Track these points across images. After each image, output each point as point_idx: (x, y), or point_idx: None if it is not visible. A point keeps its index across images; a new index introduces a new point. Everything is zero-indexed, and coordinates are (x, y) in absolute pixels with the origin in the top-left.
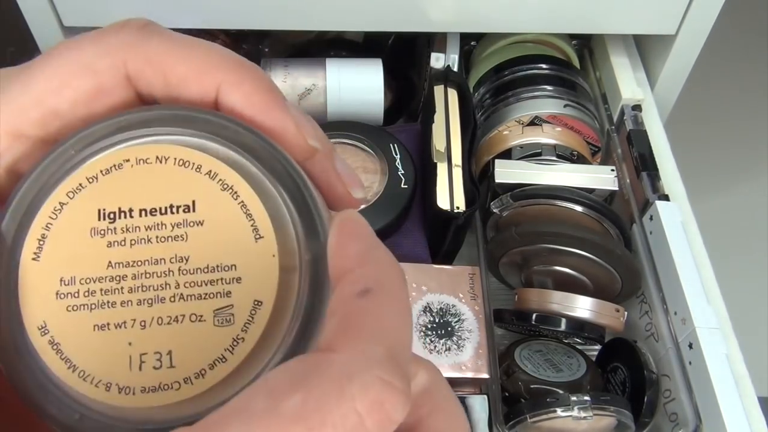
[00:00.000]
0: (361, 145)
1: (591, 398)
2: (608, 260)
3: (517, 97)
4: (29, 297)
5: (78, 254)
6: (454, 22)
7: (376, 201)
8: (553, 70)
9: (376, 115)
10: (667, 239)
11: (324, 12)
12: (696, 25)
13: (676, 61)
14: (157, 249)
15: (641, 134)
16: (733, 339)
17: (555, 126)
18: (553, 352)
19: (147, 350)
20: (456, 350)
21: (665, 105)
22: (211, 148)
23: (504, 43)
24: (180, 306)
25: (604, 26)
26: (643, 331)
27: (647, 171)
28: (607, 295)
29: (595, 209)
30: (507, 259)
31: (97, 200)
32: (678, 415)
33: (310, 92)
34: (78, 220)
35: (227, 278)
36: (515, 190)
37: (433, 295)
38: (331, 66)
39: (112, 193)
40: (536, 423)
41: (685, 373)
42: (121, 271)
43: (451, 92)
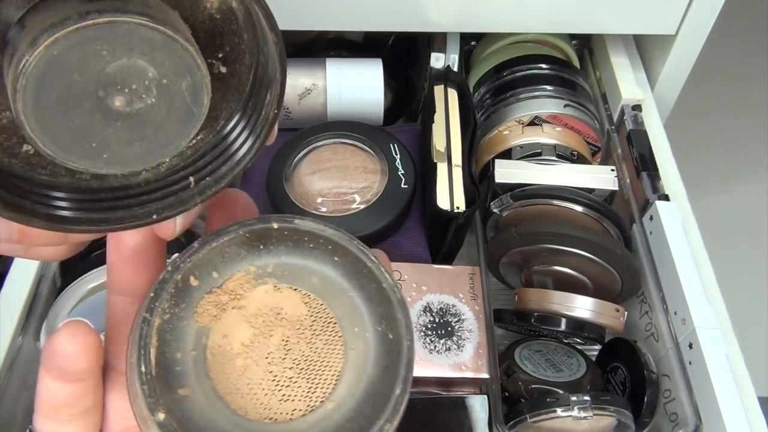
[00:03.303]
0: (361, 145)
1: (591, 398)
2: (608, 260)
3: (517, 97)
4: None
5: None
6: (454, 22)
7: (376, 201)
8: (553, 70)
9: (376, 115)
10: (667, 239)
11: (324, 12)
12: (696, 25)
13: (676, 61)
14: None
15: (641, 134)
16: (733, 339)
17: (555, 126)
18: (553, 352)
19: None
20: (456, 350)
21: (665, 105)
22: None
23: (504, 43)
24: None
25: (604, 26)
26: (643, 331)
27: (647, 171)
28: (607, 295)
29: (595, 209)
30: (507, 259)
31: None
32: (678, 415)
33: (310, 92)
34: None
35: None
36: (515, 190)
37: (433, 295)
38: (331, 66)
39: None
40: (536, 423)
41: (685, 373)
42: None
43: (451, 92)
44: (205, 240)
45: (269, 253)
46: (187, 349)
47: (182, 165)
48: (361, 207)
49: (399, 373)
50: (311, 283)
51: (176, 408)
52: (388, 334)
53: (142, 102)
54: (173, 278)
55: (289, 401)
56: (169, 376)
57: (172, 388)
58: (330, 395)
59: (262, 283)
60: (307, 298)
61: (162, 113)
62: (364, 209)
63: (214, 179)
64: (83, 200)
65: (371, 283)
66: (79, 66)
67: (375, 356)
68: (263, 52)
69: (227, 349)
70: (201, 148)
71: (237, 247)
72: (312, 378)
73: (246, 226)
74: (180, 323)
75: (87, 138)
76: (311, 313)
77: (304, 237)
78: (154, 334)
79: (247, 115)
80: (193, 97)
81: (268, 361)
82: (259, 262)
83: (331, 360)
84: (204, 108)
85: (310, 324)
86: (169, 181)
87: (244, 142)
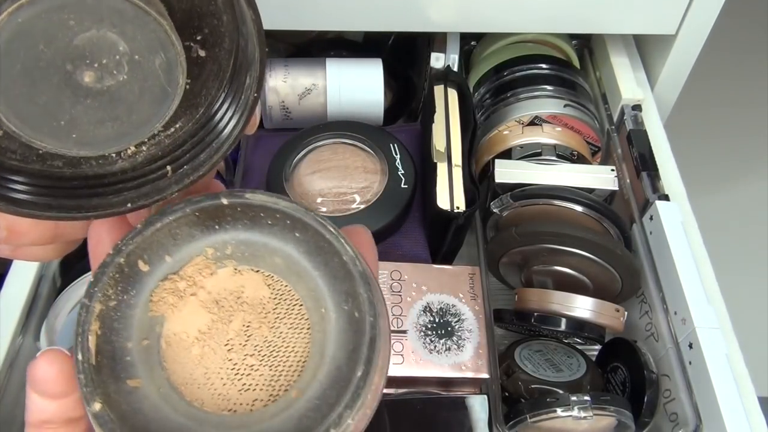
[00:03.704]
0: (361, 145)
1: (591, 398)
2: (608, 260)
3: (517, 97)
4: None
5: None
6: (454, 22)
7: (376, 201)
8: (553, 70)
9: (376, 115)
10: (667, 239)
11: (324, 12)
12: (696, 25)
13: (676, 61)
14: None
15: (641, 134)
16: (733, 339)
17: (555, 126)
18: (553, 352)
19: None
20: (456, 350)
21: (665, 105)
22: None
23: (504, 43)
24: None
25: (604, 26)
26: (643, 331)
27: (647, 171)
28: (607, 295)
29: (595, 209)
30: (507, 259)
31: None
32: (678, 415)
33: (310, 92)
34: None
35: None
36: (515, 190)
37: (433, 295)
38: (331, 66)
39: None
40: (536, 423)
41: (685, 373)
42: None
43: (451, 92)
44: (149, 221)
45: (226, 232)
46: (138, 338)
47: (160, 155)
48: (361, 207)
49: (361, 353)
50: (273, 263)
51: (123, 400)
52: (354, 312)
53: (113, 78)
54: (114, 261)
55: (249, 391)
56: (116, 366)
57: (120, 379)
58: (294, 383)
59: (222, 266)
60: (269, 279)
61: (135, 92)
62: (364, 209)
63: (192, 167)
64: (56, 187)
65: (334, 257)
66: (45, 36)
67: (342, 338)
68: (242, 34)
69: (183, 337)
70: (180, 137)
71: (189, 228)
72: (275, 365)
73: (193, 204)
74: (130, 311)
75: (55, 115)
76: (274, 295)
77: (260, 213)
78: (95, 321)
79: (228, 100)
80: (167, 75)
81: (227, 348)
82: (216, 243)
83: (296, 345)
84: (179, 88)
85: (273, 307)
86: (146, 171)
87: (224, 129)
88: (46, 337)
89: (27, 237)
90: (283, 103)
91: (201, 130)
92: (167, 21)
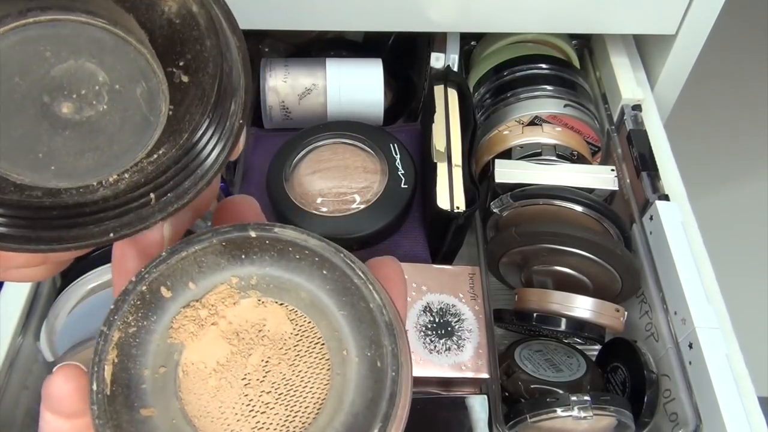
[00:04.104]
0: (361, 145)
1: (591, 398)
2: (608, 260)
3: (517, 97)
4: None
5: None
6: (454, 22)
7: (376, 201)
8: (553, 70)
9: (376, 115)
10: (667, 239)
11: (324, 12)
12: (696, 25)
13: (676, 61)
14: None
15: (641, 134)
16: (733, 339)
17: (555, 126)
18: (553, 352)
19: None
20: (456, 350)
21: (665, 105)
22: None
23: (504, 43)
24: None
25: (604, 26)
26: (643, 331)
27: (647, 171)
28: (607, 295)
29: (595, 209)
30: (507, 259)
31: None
32: (678, 415)
33: (310, 92)
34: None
35: None
36: (515, 190)
37: (433, 295)
38: (331, 66)
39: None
40: (536, 423)
41: (685, 373)
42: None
43: (451, 92)
44: (174, 249)
45: (252, 263)
46: (156, 366)
47: (143, 182)
48: (361, 207)
49: (380, 408)
50: (298, 298)
51: (135, 429)
52: (377, 361)
53: (93, 109)
54: (136, 289)
55: (263, 429)
56: (131, 395)
57: (134, 408)
58: (309, 425)
59: (245, 296)
60: (293, 314)
61: (115, 122)
62: (364, 209)
63: (176, 195)
64: (35, 218)
65: (361, 301)
66: (20, 68)
67: (362, 385)
68: (227, 60)
69: (201, 367)
70: (163, 163)
71: (215, 257)
72: (291, 405)
73: (220, 234)
74: (149, 337)
75: (32, 148)
76: (297, 331)
77: (288, 247)
78: (113, 350)
79: (212, 127)
80: (148, 104)
81: (244, 383)
82: (241, 273)
83: (315, 386)
84: (161, 116)
85: (294, 344)
86: (128, 198)
87: (208, 156)
88: (46, 337)
89: (14, 261)
90: (283, 103)
91: (185, 156)
92: (148, 49)
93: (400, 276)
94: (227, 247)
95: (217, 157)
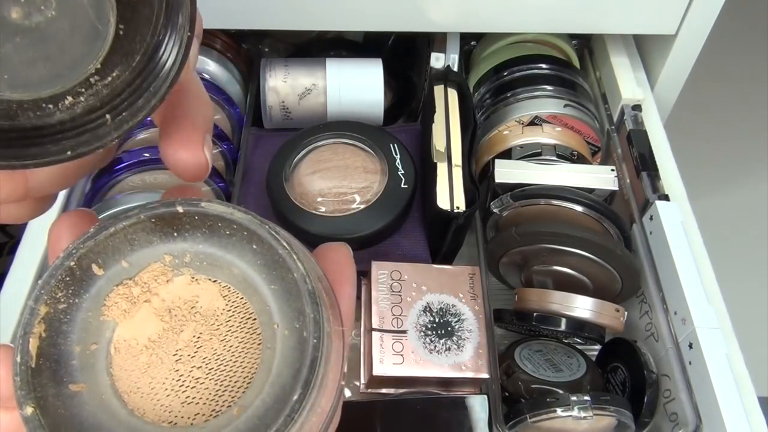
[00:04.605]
0: (361, 145)
1: (591, 398)
2: (608, 260)
3: (517, 97)
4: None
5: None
6: (454, 22)
7: (376, 201)
8: (553, 70)
9: (376, 115)
10: (667, 239)
11: (324, 12)
12: (696, 25)
13: (676, 61)
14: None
15: (641, 134)
16: (733, 339)
17: (555, 126)
18: (553, 352)
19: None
20: (456, 350)
21: (665, 105)
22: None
23: (504, 43)
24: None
25: (604, 26)
26: (643, 331)
27: (647, 171)
28: (607, 295)
29: (595, 209)
30: (507, 259)
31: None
32: (678, 415)
33: (310, 92)
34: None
35: None
36: (515, 190)
37: (433, 295)
38: (331, 66)
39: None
40: (536, 423)
41: (685, 373)
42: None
43: (451, 92)
44: (102, 225)
45: (185, 240)
46: (87, 342)
47: (99, 105)
48: (361, 207)
49: (301, 375)
50: (231, 274)
51: (61, 404)
52: (303, 332)
53: (42, 15)
54: (64, 265)
55: (192, 404)
56: (60, 369)
57: (62, 383)
58: (238, 399)
59: (179, 274)
60: (226, 291)
61: (65, 29)
62: (364, 209)
63: (131, 113)
64: None
65: (288, 273)
66: None
67: (289, 356)
68: None
69: (132, 344)
70: (118, 86)
71: (147, 234)
72: (221, 380)
73: (148, 210)
74: (81, 314)
75: None
76: (229, 307)
77: (217, 222)
78: (40, 324)
79: (163, 43)
80: (96, 12)
81: (175, 358)
82: (174, 250)
83: (245, 360)
84: (110, 26)
85: (226, 320)
86: (85, 120)
87: (160, 72)
88: None
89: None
90: (283, 103)
91: (138, 77)
92: None
93: (348, 259)
94: (158, 224)
95: (169, 71)
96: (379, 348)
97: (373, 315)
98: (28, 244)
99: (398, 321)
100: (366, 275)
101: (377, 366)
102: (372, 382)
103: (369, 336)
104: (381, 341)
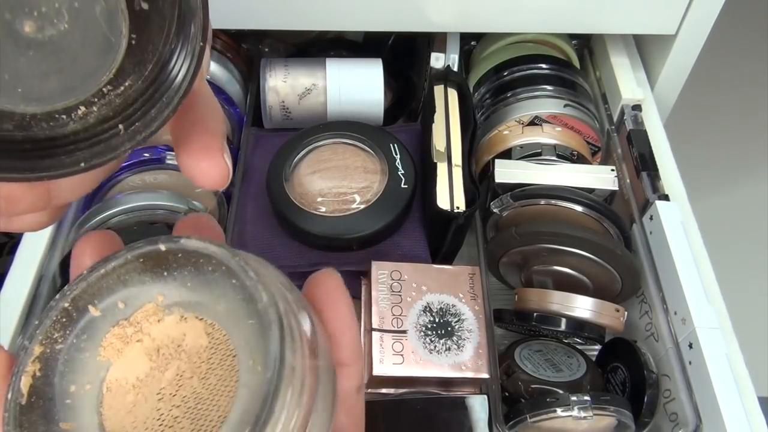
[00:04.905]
0: (361, 145)
1: (591, 398)
2: (608, 260)
3: (517, 97)
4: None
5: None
6: (454, 22)
7: (376, 201)
8: (553, 70)
9: (376, 115)
10: (667, 239)
11: (324, 12)
12: (696, 25)
13: (676, 61)
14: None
15: (641, 134)
16: (733, 339)
17: (555, 126)
18: (553, 352)
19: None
20: (456, 350)
21: (665, 105)
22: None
23: (504, 43)
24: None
25: (604, 26)
26: (643, 331)
27: (647, 171)
28: (607, 295)
29: (595, 209)
30: (507, 259)
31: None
32: (678, 415)
33: (310, 92)
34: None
35: None
36: (515, 190)
37: (433, 295)
38: (331, 66)
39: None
40: (536, 423)
41: (685, 373)
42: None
43: (451, 92)
44: (93, 267)
45: (174, 279)
46: (83, 382)
47: (111, 115)
48: (361, 207)
49: (252, 412)
50: (216, 311)
51: None
52: (268, 367)
53: (54, 28)
54: (59, 306)
55: None
56: (53, 408)
57: (53, 421)
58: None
59: (170, 313)
60: (210, 327)
61: (77, 41)
62: (364, 209)
63: (144, 124)
64: (7, 150)
65: (257, 304)
66: None
67: (261, 393)
68: None
69: (123, 383)
70: (131, 95)
71: (138, 275)
72: (197, 419)
73: (134, 250)
74: (80, 355)
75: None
76: (212, 344)
77: (199, 259)
78: (34, 363)
79: (175, 53)
80: (109, 24)
81: (158, 397)
82: (165, 290)
83: (221, 399)
84: (123, 38)
85: (208, 357)
86: (98, 131)
87: (173, 82)
88: None
89: (23, 203)
90: (283, 103)
91: (151, 86)
92: None
93: (336, 288)
94: (146, 263)
95: (182, 82)
96: (379, 348)
97: (373, 315)
98: (28, 244)
99: (398, 321)
100: (366, 275)
101: (377, 366)
102: (372, 382)
103: (369, 336)
104: (381, 341)
